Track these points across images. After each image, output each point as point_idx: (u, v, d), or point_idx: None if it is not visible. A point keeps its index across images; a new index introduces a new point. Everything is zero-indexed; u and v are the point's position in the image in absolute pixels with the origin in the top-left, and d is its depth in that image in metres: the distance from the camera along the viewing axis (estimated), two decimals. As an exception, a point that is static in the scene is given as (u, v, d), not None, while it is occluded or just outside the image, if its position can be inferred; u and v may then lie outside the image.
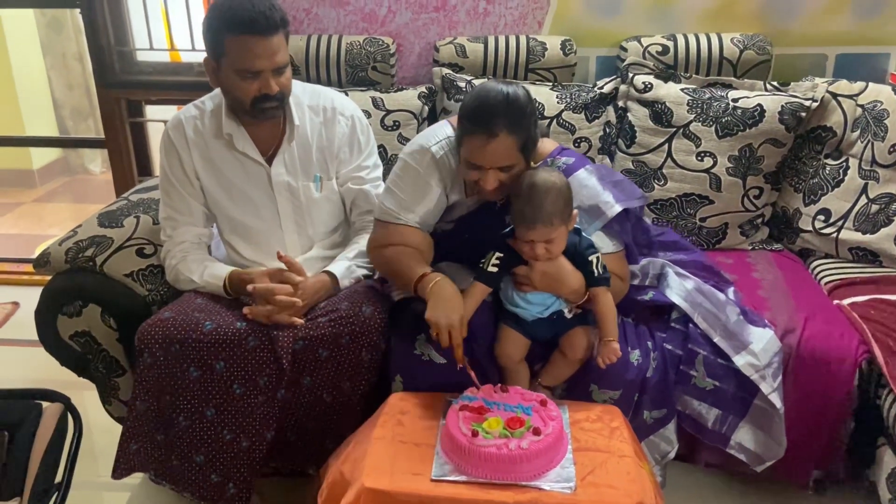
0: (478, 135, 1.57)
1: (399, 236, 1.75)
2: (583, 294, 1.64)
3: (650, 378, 1.72)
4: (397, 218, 1.75)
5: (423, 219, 1.76)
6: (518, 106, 1.57)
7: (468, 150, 1.61)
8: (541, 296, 1.65)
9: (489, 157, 1.58)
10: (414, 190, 1.75)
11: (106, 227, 1.97)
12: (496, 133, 1.55)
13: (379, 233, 1.79)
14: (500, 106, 1.56)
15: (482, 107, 1.57)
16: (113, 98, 2.82)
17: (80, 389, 2.04)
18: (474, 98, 1.61)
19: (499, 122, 1.55)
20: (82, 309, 1.83)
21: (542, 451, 1.37)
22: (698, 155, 2.21)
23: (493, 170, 1.60)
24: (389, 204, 1.76)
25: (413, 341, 1.71)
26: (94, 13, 2.71)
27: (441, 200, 1.77)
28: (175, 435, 1.70)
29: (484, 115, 1.56)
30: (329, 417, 1.76)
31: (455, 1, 2.47)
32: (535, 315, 1.67)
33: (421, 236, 1.78)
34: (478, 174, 1.62)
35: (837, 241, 2.19)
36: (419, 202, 1.75)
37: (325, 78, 2.43)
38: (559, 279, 1.61)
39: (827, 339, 1.80)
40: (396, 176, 1.78)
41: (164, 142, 1.90)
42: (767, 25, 2.42)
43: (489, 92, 1.58)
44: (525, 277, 1.62)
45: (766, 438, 1.78)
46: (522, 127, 1.57)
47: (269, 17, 1.68)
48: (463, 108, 1.62)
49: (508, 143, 1.56)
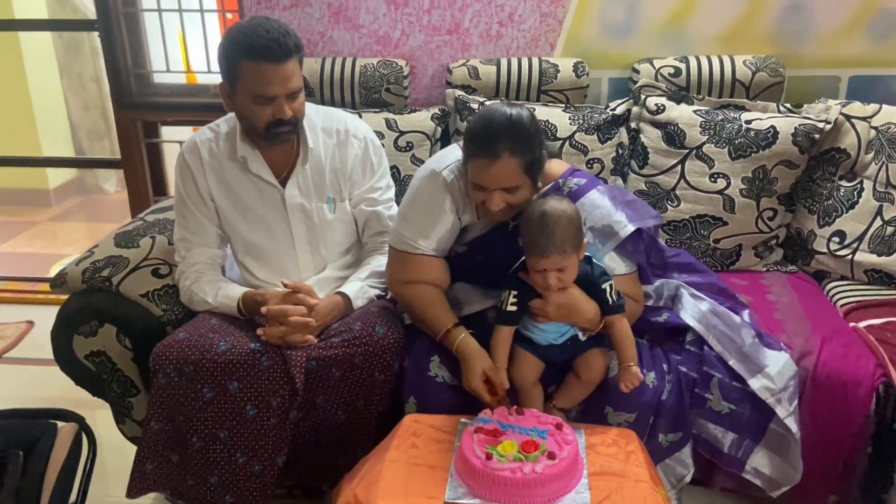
0: (481, 157, 1.58)
1: (418, 268, 1.76)
2: (598, 322, 1.63)
3: (665, 401, 1.71)
4: (415, 247, 1.76)
5: (438, 244, 1.77)
6: (521, 127, 1.58)
7: (473, 172, 1.62)
8: (555, 325, 1.64)
9: (493, 179, 1.59)
10: (428, 215, 1.76)
11: (122, 247, 1.98)
12: (499, 154, 1.56)
13: (397, 264, 1.80)
14: (502, 128, 1.57)
15: (485, 129, 1.59)
16: (129, 119, 2.85)
17: (94, 409, 2.04)
18: (478, 120, 1.63)
19: (501, 144, 1.56)
20: (98, 329, 1.84)
21: (556, 475, 1.36)
22: (711, 176, 2.21)
23: (498, 191, 1.61)
24: (405, 231, 1.77)
25: (427, 363, 1.71)
26: (113, 36, 2.75)
27: (455, 224, 1.78)
28: (189, 455, 1.70)
29: (487, 138, 1.57)
30: (343, 435, 1.76)
31: (468, 24, 2.49)
32: (549, 341, 1.67)
33: (439, 266, 1.79)
34: (484, 195, 1.63)
35: (853, 263, 2.18)
36: (433, 227, 1.75)
37: (339, 100, 2.45)
38: (574, 309, 1.61)
39: (843, 362, 1.79)
40: (409, 202, 1.79)
41: (180, 164, 1.92)
42: (780, 48, 2.43)
43: (493, 114, 1.60)
44: (540, 310, 1.62)
45: (782, 463, 1.76)
46: (526, 148, 1.58)
47: (284, 43, 1.70)
48: (467, 130, 1.64)
49: (512, 164, 1.57)
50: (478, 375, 1.62)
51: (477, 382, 1.62)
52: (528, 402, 1.67)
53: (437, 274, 1.79)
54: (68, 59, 4.68)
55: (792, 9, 2.39)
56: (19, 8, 4.24)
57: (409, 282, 1.78)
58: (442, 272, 1.80)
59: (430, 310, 1.74)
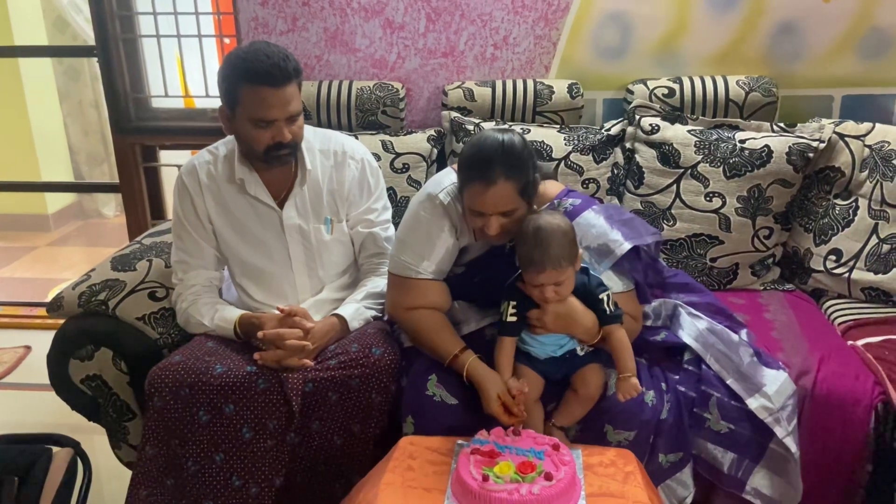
0: (477, 182, 1.60)
1: (419, 294, 1.77)
2: (596, 333, 1.64)
3: (665, 420, 1.70)
4: (417, 271, 1.76)
5: (438, 267, 1.77)
6: (514, 152, 1.60)
7: (469, 198, 1.64)
8: (554, 336, 1.65)
9: (490, 204, 1.61)
10: (427, 239, 1.76)
11: (119, 270, 1.99)
12: (494, 180, 1.58)
13: (399, 291, 1.79)
14: (496, 153, 1.59)
15: (479, 155, 1.61)
16: (128, 143, 2.87)
17: (91, 434, 2.04)
18: (471, 147, 1.65)
19: (496, 169, 1.58)
20: (94, 353, 1.84)
21: (553, 496, 1.34)
22: (707, 195, 2.22)
23: (495, 216, 1.62)
24: (405, 256, 1.77)
25: (425, 381, 1.71)
26: (111, 61, 2.78)
27: (454, 246, 1.78)
28: (185, 480, 1.69)
29: (481, 164, 1.59)
30: (339, 461, 1.75)
31: (463, 46, 2.52)
32: (548, 354, 1.67)
33: (440, 289, 1.79)
34: (481, 221, 1.65)
35: (850, 281, 2.18)
36: (433, 250, 1.76)
37: (335, 122, 2.47)
38: (572, 320, 1.62)
39: (842, 380, 1.78)
40: (408, 227, 1.79)
41: (178, 186, 1.93)
42: (773, 68, 2.45)
43: (485, 140, 1.62)
44: (538, 321, 1.63)
45: (783, 483, 1.74)
46: (520, 172, 1.60)
47: (283, 68, 1.71)
48: (461, 157, 1.66)
49: (507, 188, 1.59)
50: (494, 401, 1.61)
51: (496, 407, 1.61)
52: (529, 421, 1.66)
53: (439, 297, 1.79)
54: (68, 84, 4.72)
55: (784, 29, 2.42)
56: (19, 34, 4.28)
57: (412, 307, 1.77)
58: (443, 295, 1.80)
59: (437, 336, 1.73)
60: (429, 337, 1.74)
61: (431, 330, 1.75)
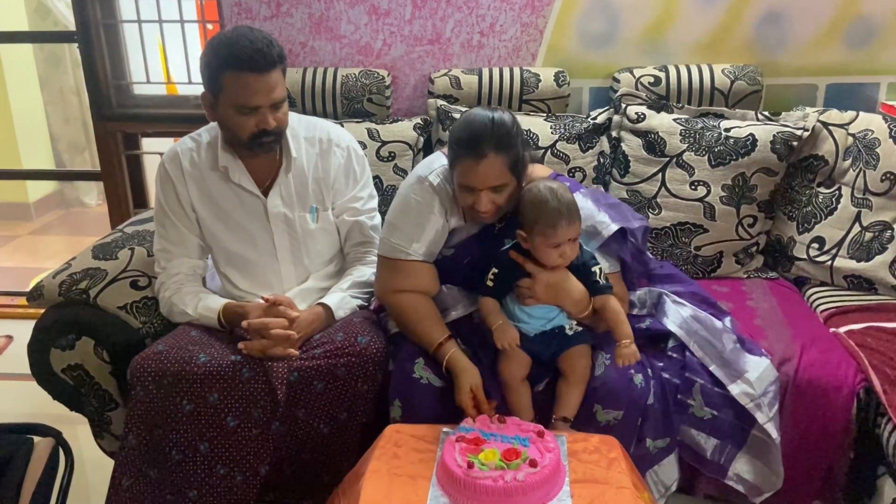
0: (468, 157, 1.62)
1: (409, 275, 1.77)
2: (585, 306, 1.66)
3: (652, 405, 1.71)
4: (407, 253, 1.76)
5: (428, 249, 1.78)
6: (503, 127, 1.63)
7: (461, 174, 1.65)
8: (543, 309, 1.67)
9: (481, 178, 1.63)
10: (418, 221, 1.76)
11: (100, 259, 1.96)
12: (485, 154, 1.60)
13: (388, 273, 1.79)
14: (486, 128, 1.62)
15: (470, 131, 1.63)
16: (109, 131, 2.84)
17: (73, 424, 2.02)
18: (462, 124, 1.67)
19: (487, 144, 1.60)
20: (75, 342, 1.82)
21: (538, 483, 1.35)
22: (692, 184, 2.23)
23: (485, 191, 1.64)
24: (396, 239, 1.77)
25: (412, 365, 1.71)
26: (92, 47, 2.74)
27: (444, 227, 1.79)
28: (168, 470, 1.68)
29: (472, 139, 1.62)
30: (326, 450, 1.74)
31: (450, 34, 2.50)
32: (537, 329, 1.68)
33: (429, 272, 1.79)
34: (471, 197, 1.66)
35: (832, 269, 2.19)
36: (423, 231, 1.76)
37: (320, 110, 2.45)
38: (562, 289, 1.64)
39: (824, 367, 1.80)
40: (398, 211, 1.79)
41: (160, 174, 1.90)
42: (758, 56, 2.46)
43: (475, 117, 1.65)
44: (529, 290, 1.65)
45: (764, 469, 1.76)
46: (510, 147, 1.63)
47: (267, 53, 1.69)
48: (452, 134, 1.68)
49: (497, 163, 1.62)
50: (466, 392, 1.63)
51: (465, 398, 1.63)
52: (516, 400, 1.68)
53: (428, 279, 1.79)
54: (49, 71, 4.66)
55: (769, 18, 2.42)
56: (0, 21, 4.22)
57: (400, 290, 1.77)
58: (432, 278, 1.80)
59: (423, 322, 1.74)
60: (415, 322, 1.74)
61: (418, 316, 1.75)
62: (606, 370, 1.68)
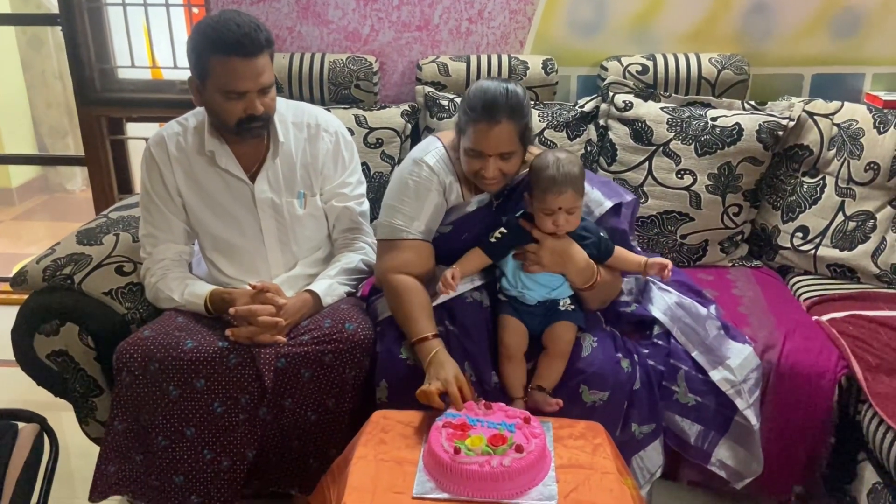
0: (482, 122, 1.66)
1: (409, 253, 1.78)
2: (589, 276, 1.69)
3: (638, 391, 1.73)
4: (408, 232, 1.78)
5: (427, 227, 1.80)
6: (517, 97, 1.68)
7: (472, 138, 1.69)
8: (547, 277, 1.70)
9: (492, 144, 1.67)
10: (417, 200, 1.78)
11: (85, 244, 1.95)
12: (499, 120, 1.65)
13: (388, 253, 1.80)
14: (501, 96, 1.66)
15: (485, 97, 1.67)
16: (93, 115, 2.80)
17: (58, 410, 2.01)
18: (477, 91, 1.71)
19: (501, 110, 1.65)
20: (59, 328, 1.80)
21: (524, 468, 1.36)
22: (678, 173, 2.24)
23: (494, 157, 1.68)
24: (395, 220, 1.79)
25: (398, 346, 1.72)
26: (76, 30, 2.70)
27: (441, 205, 1.81)
28: (154, 455, 1.68)
29: (487, 104, 1.66)
30: (314, 436, 1.74)
31: (438, 20, 2.49)
32: (539, 298, 1.71)
33: (427, 251, 1.81)
34: (479, 163, 1.70)
35: (815, 257, 2.22)
36: (423, 209, 1.78)
37: (308, 96, 2.43)
38: (568, 256, 1.68)
39: (806, 354, 1.82)
40: (396, 192, 1.81)
41: (146, 158, 1.89)
42: (745, 46, 2.46)
43: (490, 85, 1.69)
44: (535, 256, 1.68)
45: (746, 455, 1.79)
46: (522, 115, 1.69)
47: (255, 38, 1.68)
48: (466, 100, 1.72)
49: (509, 129, 1.67)
50: (441, 380, 1.58)
51: (453, 389, 1.57)
52: (513, 373, 1.70)
53: (426, 260, 1.80)
54: (31, 55, 4.59)
55: (756, 8, 2.43)
56: (-20, 3, 4.16)
57: (399, 270, 1.77)
58: (429, 257, 1.81)
59: (417, 312, 1.72)
60: (410, 309, 1.73)
61: (415, 304, 1.73)
62: (593, 352, 1.70)
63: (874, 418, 1.70)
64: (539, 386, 1.68)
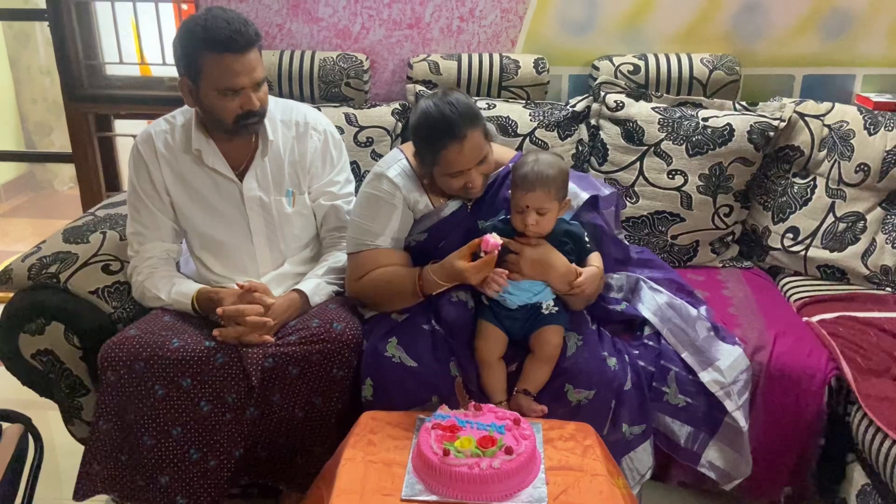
0: (452, 144, 1.67)
1: (374, 260, 1.78)
2: (571, 279, 1.67)
3: (628, 391, 1.73)
4: (374, 244, 1.78)
5: (395, 237, 1.80)
6: (464, 103, 1.70)
7: (448, 162, 1.69)
8: (528, 283, 1.69)
9: (469, 157, 1.69)
10: (380, 214, 1.78)
11: (71, 242, 1.93)
12: (465, 134, 1.67)
13: (356, 265, 1.81)
14: (453, 112, 1.67)
15: (440, 120, 1.67)
16: (81, 112, 2.78)
17: (43, 410, 1.99)
18: (425, 119, 1.71)
19: (461, 124, 1.66)
20: (45, 327, 1.78)
21: (514, 470, 1.35)
22: (669, 173, 2.23)
23: (474, 168, 1.71)
24: (360, 235, 1.79)
25: (384, 344, 1.71)
26: (63, 26, 2.68)
27: (406, 216, 1.81)
28: (140, 455, 1.66)
29: (446, 126, 1.66)
30: (301, 433, 1.73)
31: (429, 18, 2.48)
32: (521, 302, 1.70)
33: (397, 254, 1.81)
34: (463, 179, 1.72)
35: (806, 258, 2.22)
36: (387, 224, 1.79)
37: (297, 93, 2.41)
38: (548, 264, 1.67)
39: (796, 356, 1.82)
40: (361, 208, 1.82)
41: (133, 156, 1.87)
42: (736, 46, 2.46)
43: (434, 107, 1.69)
44: (515, 265, 1.67)
45: (735, 456, 1.78)
46: (478, 118, 1.71)
47: (245, 33, 1.68)
48: (419, 133, 1.73)
49: (477, 136, 1.70)
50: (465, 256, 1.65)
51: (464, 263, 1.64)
52: (492, 378, 1.70)
53: (396, 260, 1.80)
54: (17, 50, 4.55)
55: (747, 8, 2.43)
56: (-33, -2, 4.11)
57: (366, 274, 1.77)
58: (401, 258, 1.81)
59: (393, 280, 1.75)
60: (387, 285, 1.75)
61: (386, 279, 1.75)
62: (578, 351, 1.70)
63: (863, 420, 1.70)
64: (525, 390, 1.68)
